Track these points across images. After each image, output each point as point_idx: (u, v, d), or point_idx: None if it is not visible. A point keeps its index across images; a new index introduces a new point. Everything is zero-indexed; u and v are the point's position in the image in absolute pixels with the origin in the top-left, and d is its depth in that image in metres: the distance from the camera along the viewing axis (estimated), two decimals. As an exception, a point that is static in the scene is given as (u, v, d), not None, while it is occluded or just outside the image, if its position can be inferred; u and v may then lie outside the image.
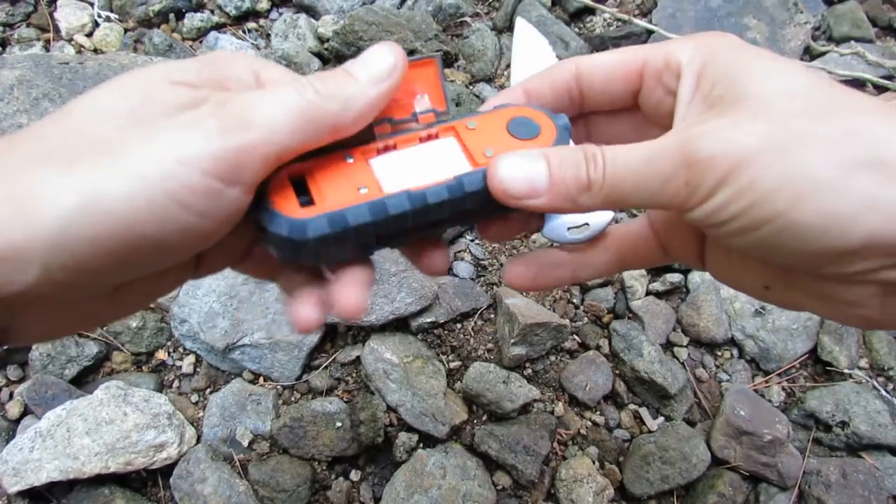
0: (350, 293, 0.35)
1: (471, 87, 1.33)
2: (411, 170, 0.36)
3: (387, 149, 0.37)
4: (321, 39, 1.37)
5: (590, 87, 0.38)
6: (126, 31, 1.37)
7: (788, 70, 0.30)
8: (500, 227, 0.40)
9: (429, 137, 0.38)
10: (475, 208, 0.36)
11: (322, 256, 0.35)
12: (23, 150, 0.27)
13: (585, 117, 0.42)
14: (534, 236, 1.15)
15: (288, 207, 0.32)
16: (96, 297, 0.32)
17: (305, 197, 0.33)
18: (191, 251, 0.30)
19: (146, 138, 0.27)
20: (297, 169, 0.34)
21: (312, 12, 1.43)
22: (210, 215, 0.28)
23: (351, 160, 0.35)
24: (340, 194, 0.33)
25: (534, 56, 0.45)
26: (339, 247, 0.34)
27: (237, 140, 0.28)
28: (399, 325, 1.03)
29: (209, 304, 0.98)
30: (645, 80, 0.36)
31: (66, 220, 0.25)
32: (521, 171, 0.33)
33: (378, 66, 0.34)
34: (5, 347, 0.32)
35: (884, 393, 1.05)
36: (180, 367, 1.02)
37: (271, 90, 0.31)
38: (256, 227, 0.33)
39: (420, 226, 0.35)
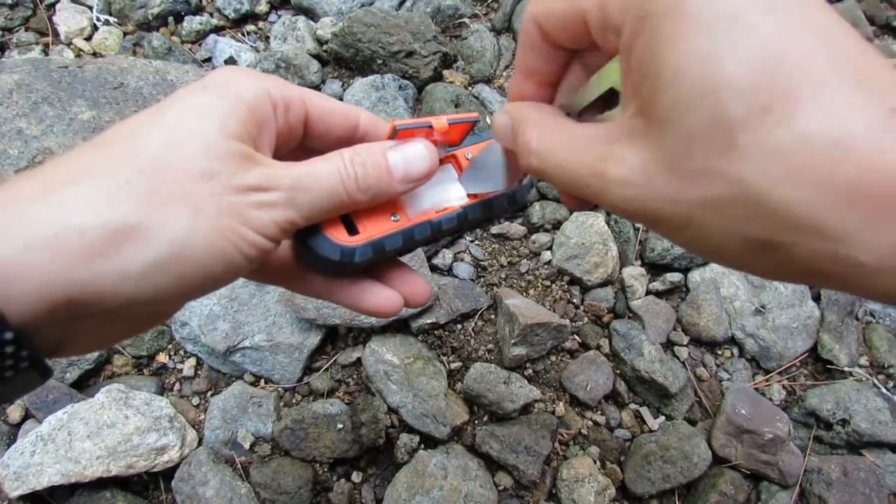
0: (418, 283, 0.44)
1: (469, 88, 1.33)
2: (424, 197, 0.43)
3: None
4: (320, 41, 1.37)
5: (558, 39, 0.35)
6: (125, 34, 1.37)
7: (714, 96, 0.23)
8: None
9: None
10: (469, 227, 0.45)
11: (361, 270, 0.43)
12: (93, 179, 0.29)
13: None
14: (533, 236, 1.15)
15: (339, 236, 0.39)
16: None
17: (350, 225, 0.40)
18: (228, 280, 0.34)
19: (217, 197, 0.31)
20: None
21: (311, 14, 1.43)
22: (256, 259, 0.34)
23: None
24: (378, 224, 0.40)
25: None
26: (374, 263, 0.41)
27: (292, 213, 0.34)
28: (399, 326, 1.03)
29: (209, 306, 0.98)
30: (593, 36, 0.31)
31: (154, 263, 0.29)
32: (501, 128, 0.38)
33: (415, 169, 0.39)
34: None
35: (884, 390, 1.05)
36: (181, 370, 1.02)
37: (318, 171, 0.35)
38: (301, 250, 0.40)
39: (429, 241, 0.43)
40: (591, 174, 0.29)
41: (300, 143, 0.40)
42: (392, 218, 0.41)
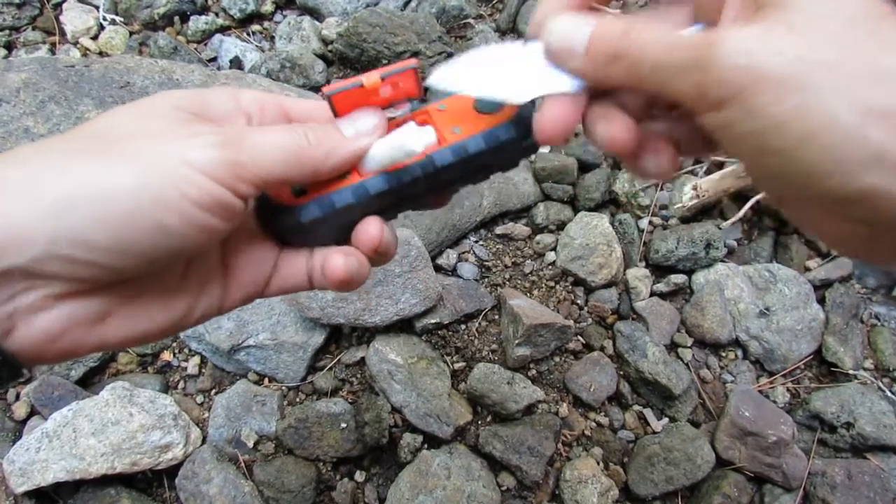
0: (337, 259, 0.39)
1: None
2: (384, 157, 0.39)
3: None
4: (325, 41, 1.38)
5: None
6: (131, 34, 1.38)
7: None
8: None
9: (404, 121, 0.41)
10: (450, 179, 0.40)
11: (316, 237, 0.40)
12: (47, 146, 0.31)
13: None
14: (537, 237, 1.15)
15: (284, 197, 0.38)
16: (153, 298, 0.35)
17: (298, 187, 0.38)
18: (192, 241, 0.32)
19: (156, 143, 0.31)
20: None
21: (316, 14, 1.43)
22: (208, 207, 0.31)
23: None
24: (327, 185, 0.38)
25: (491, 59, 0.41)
26: (329, 227, 0.39)
27: (234, 155, 0.32)
28: (403, 326, 1.03)
29: (214, 305, 0.98)
30: None
31: (71, 196, 0.28)
32: (564, 37, 0.34)
33: (363, 125, 0.38)
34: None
35: (889, 394, 1.05)
36: (185, 368, 1.02)
37: (268, 129, 0.35)
38: (258, 219, 0.38)
39: (399, 200, 0.40)
40: (704, 42, 0.28)
41: None
42: (343, 176, 0.38)
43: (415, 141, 0.38)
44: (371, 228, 0.39)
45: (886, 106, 0.24)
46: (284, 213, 0.38)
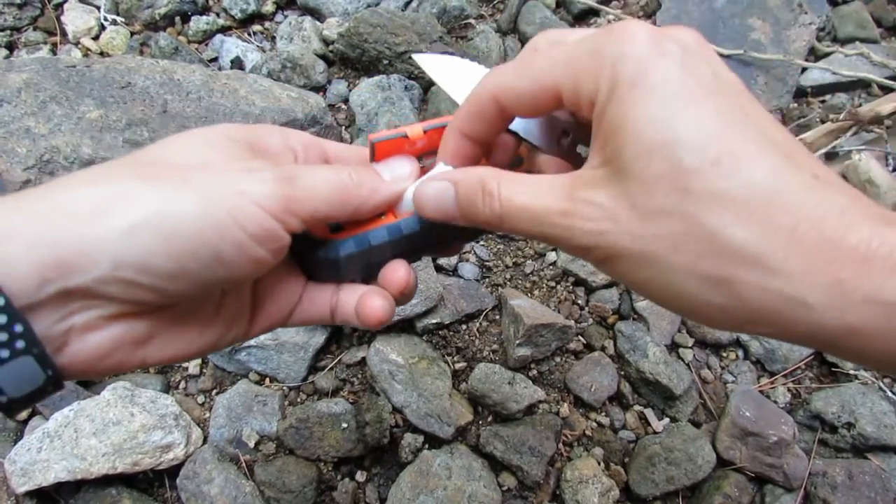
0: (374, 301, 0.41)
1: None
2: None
3: None
4: (326, 42, 1.38)
5: (514, 111, 0.36)
6: (132, 34, 1.38)
7: (671, 150, 0.28)
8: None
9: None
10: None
11: (347, 273, 0.42)
12: (113, 170, 0.32)
13: None
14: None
15: (321, 232, 0.40)
16: (181, 322, 0.36)
17: (336, 228, 0.41)
18: (241, 272, 0.34)
19: (215, 174, 0.33)
20: None
21: (317, 15, 1.43)
22: (260, 240, 0.33)
23: None
24: (364, 224, 0.41)
25: (461, 77, 0.46)
26: (362, 263, 0.41)
27: (287, 190, 0.34)
28: (404, 326, 1.03)
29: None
30: (567, 106, 0.34)
31: (140, 223, 0.29)
32: (435, 198, 0.37)
33: (399, 171, 0.41)
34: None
35: (890, 394, 1.05)
36: (187, 368, 1.02)
37: (317, 167, 0.38)
38: (292, 251, 0.40)
39: (428, 243, 0.43)
40: (559, 213, 0.31)
41: None
42: (379, 216, 0.41)
43: None
44: (400, 270, 0.41)
45: (721, 275, 0.27)
46: (322, 246, 0.40)
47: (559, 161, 0.41)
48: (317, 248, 0.40)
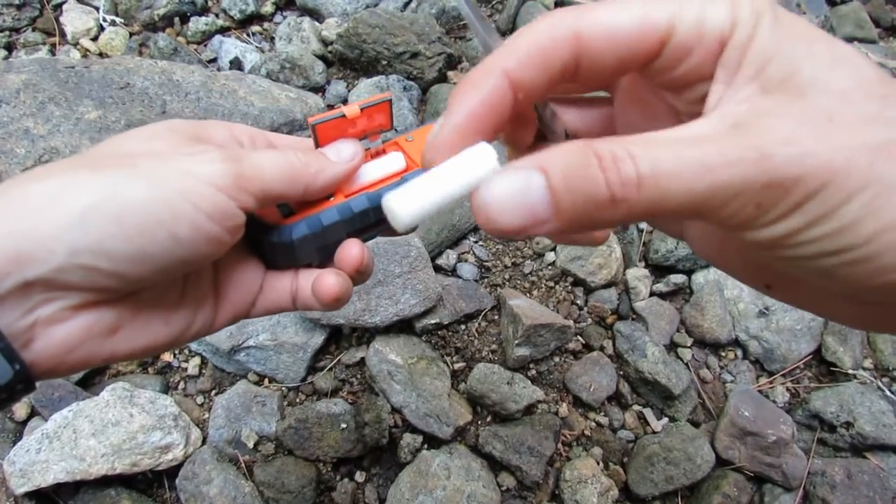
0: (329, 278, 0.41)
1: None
2: (368, 179, 0.43)
3: None
4: (325, 42, 1.38)
5: (591, 62, 0.28)
6: (131, 35, 1.38)
7: (855, 61, 0.25)
8: None
9: (377, 154, 0.45)
10: None
11: (302, 256, 0.42)
12: (64, 164, 0.32)
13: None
14: (537, 237, 1.15)
15: (274, 218, 0.41)
16: (151, 310, 0.37)
17: (286, 208, 0.41)
18: (199, 252, 0.34)
19: (163, 160, 0.33)
20: None
21: (316, 15, 1.43)
22: (215, 217, 0.33)
23: None
24: (314, 206, 0.41)
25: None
26: (316, 245, 0.41)
27: (236, 168, 0.34)
28: (403, 326, 1.03)
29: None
30: (667, 52, 0.27)
31: (92, 207, 0.29)
32: (513, 205, 0.25)
33: (345, 153, 0.41)
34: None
35: (888, 393, 1.05)
36: (186, 369, 1.02)
37: (263, 151, 0.38)
38: (248, 239, 0.40)
39: (381, 219, 0.42)
40: (740, 150, 0.23)
41: None
42: (328, 198, 0.42)
43: (392, 163, 0.43)
44: (353, 248, 0.41)
45: None
46: (275, 231, 0.40)
47: None
48: (270, 234, 0.40)
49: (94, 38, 1.36)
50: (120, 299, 0.34)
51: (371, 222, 0.43)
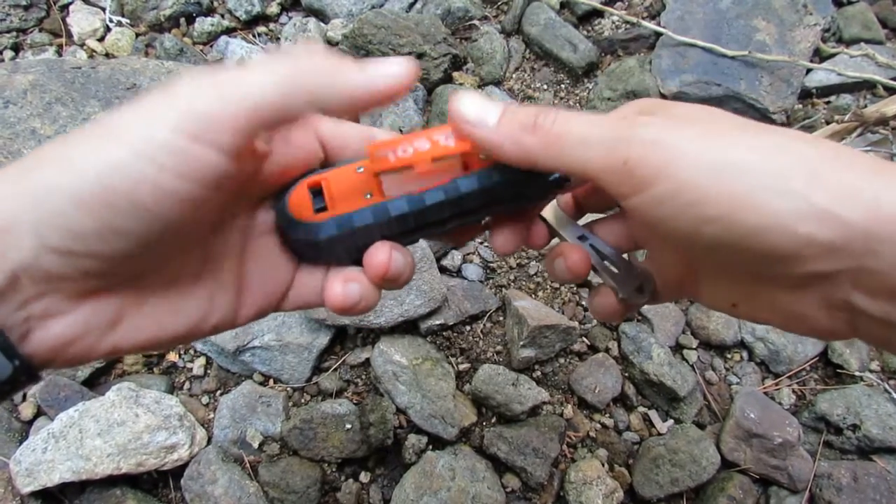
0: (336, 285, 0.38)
1: (479, 90, 1.34)
2: (415, 179, 0.38)
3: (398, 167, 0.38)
4: (330, 43, 1.38)
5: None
6: (137, 35, 1.38)
7: (713, 115, 0.32)
8: (506, 238, 0.42)
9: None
10: (474, 207, 0.38)
11: (331, 256, 0.39)
12: (52, 142, 0.30)
13: None
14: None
15: (304, 213, 0.37)
16: (151, 296, 0.34)
17: (320, 203, 0.37)
18: (174, 212, 0.29)
19: (132, 115, 0.29)
20: (315, 180, 0.38)
21: (322, 16, 1.43)
22: (183, 174, 0.28)
23: (361, 171, 0.38)
24: (350, 202, 0.37)
25: None
26: (346, 246, 0.38)
27: (211, 91, 0.28)
28: (408, 327, 1.03)
29: (220, 306, 0.98)
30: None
31: (47, 184, 0.27)
32: (477, 104, 0.34)
33: (388, 67, 0.33)
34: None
35: (895, 396, 1.04)
36: (191, 369, 1.02)
37: (261, 62, 0.30)
38: (277, 232, 0.38)
39: (421, 225, 0.38)
40: (624, 123, 0.31)
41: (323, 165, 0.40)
42: (366, 196, 0.37)
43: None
44: (380, 255, 0.37)
45: (795, 165, 0.27)
46: (301, 228, 0.37)
47: None
48: (297, 230, 0.37)
49: (101, 39, 1.37)
50: (120, 286, 0.32)
51: (410, 227, 0.38)
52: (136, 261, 0.31)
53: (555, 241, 0.44)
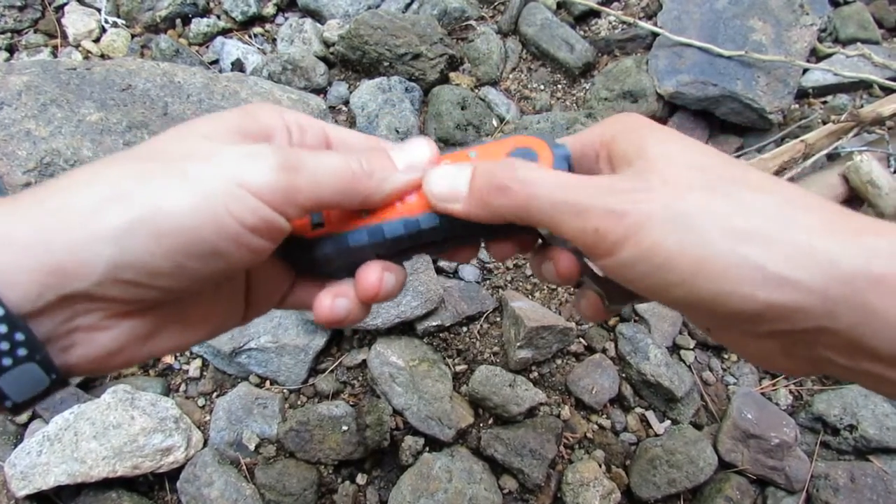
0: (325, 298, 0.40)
1: (476, 91, 1.34)
2: (413, 199, 0.39)
3: None
4: (327, 44, 1.38)
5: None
6: (133, 36, 1.38)
7: (684, 145, 0.34)
8: (502, 245, 0.43)
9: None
10: (470, 230, 0.39)
11: (327, 271, 0.40)
12: (112, 166, 0.31)
13: None
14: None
15: (302, 229, 0.38)
16: (175, 316, 0.36)
17: (318, 219, 0.39)
18: (239, 263, 0.33)
19: (210, 164, 0.31)
20: None
21: (318, 17, 1.43)
22: (259, 231, 0.32)
23: None
24: (346, 220, 0.38)
25: None
26: (341, 264, 0.39)
27: (291, 178, 0.33)
28: (405, 328, 1.03)
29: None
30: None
31: (133, 222, 0.29)
32: (446, 179, 0.37)
33: (415, 158, 0.39)
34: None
35: (892, 396, 1.04)
36: (187, 371, 1.02)
37: (324, 153, 0.36)
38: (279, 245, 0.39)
39: (417, 246, 0.40)
40: (591, 187, 0.33)
41: None
42: (362, 215, 0.38)
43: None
44: (371, 276, 0.39)
45: (749, 230, 0.29)
46: (299, 245, 0.38)
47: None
48: (295, 246, 0.38)
49: (96, 40, 1.36)
50: (158, 305, 0.34)
51: (405, 248, 0.39)
52: (187, 292, 0.33)
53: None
